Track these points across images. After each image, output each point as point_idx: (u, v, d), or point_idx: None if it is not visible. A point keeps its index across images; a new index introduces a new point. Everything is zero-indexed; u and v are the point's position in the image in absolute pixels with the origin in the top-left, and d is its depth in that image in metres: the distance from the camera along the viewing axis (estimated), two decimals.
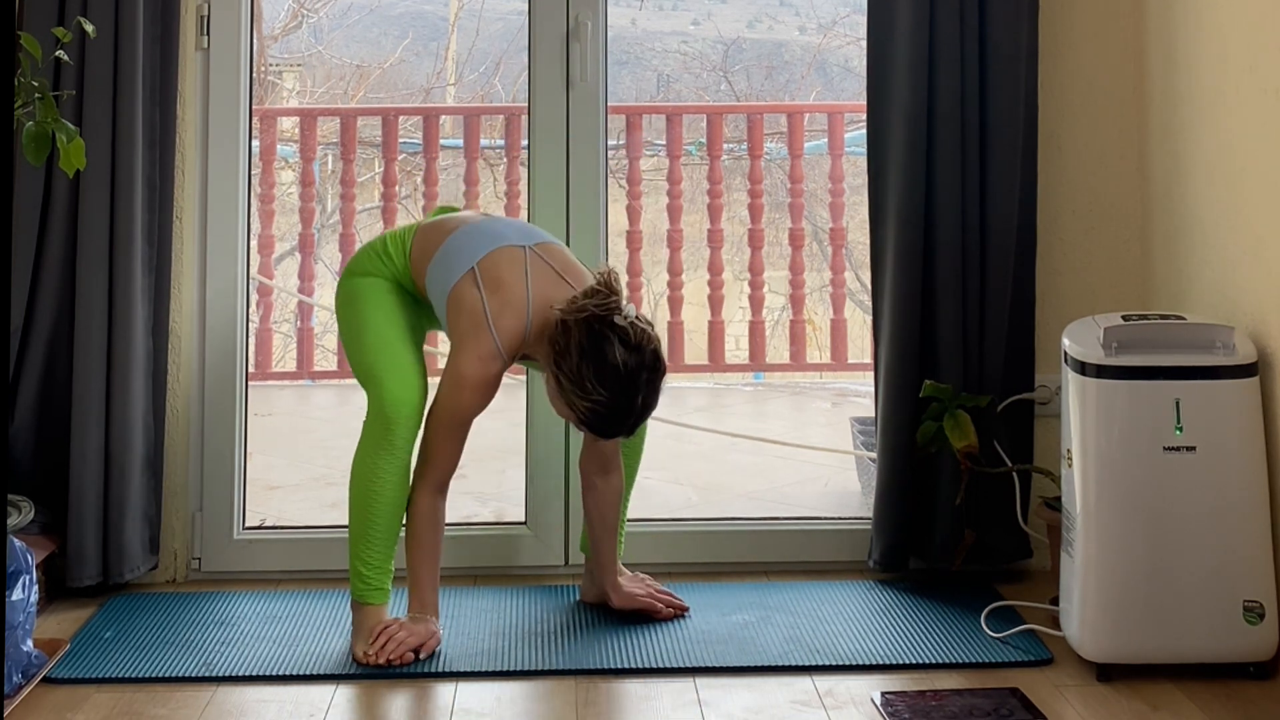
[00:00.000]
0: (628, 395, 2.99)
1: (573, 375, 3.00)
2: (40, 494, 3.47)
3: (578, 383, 2.99)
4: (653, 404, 3.06)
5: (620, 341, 2.99)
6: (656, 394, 3.05)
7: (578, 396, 3.00)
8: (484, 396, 3.14)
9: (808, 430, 6.08)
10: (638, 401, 3.00)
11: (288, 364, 6.49)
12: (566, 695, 2.93)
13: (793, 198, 6.00)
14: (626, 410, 3.00)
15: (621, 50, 8.31)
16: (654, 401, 3.06)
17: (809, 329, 6.26)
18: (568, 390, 3.01)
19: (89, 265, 3.48)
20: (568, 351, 3.00)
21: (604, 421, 3.01)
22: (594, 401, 2.99)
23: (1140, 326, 3.08)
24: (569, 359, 3.00)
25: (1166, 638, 2.96)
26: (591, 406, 2.99)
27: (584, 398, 2.99)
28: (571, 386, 3.00)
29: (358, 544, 3.13)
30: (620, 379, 2.98)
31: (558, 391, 3.04)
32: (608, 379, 2.97)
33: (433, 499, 3.16)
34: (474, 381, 3.10)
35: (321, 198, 6.91)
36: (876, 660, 3.09)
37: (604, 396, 2.98)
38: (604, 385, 2.98)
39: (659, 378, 3.04)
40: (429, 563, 3.16)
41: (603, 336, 2.99)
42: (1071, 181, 3.77)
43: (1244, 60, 3.21)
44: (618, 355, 2.98)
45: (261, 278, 5.85)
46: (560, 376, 3.02)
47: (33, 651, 2.92)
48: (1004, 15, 3.60)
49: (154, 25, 3.56)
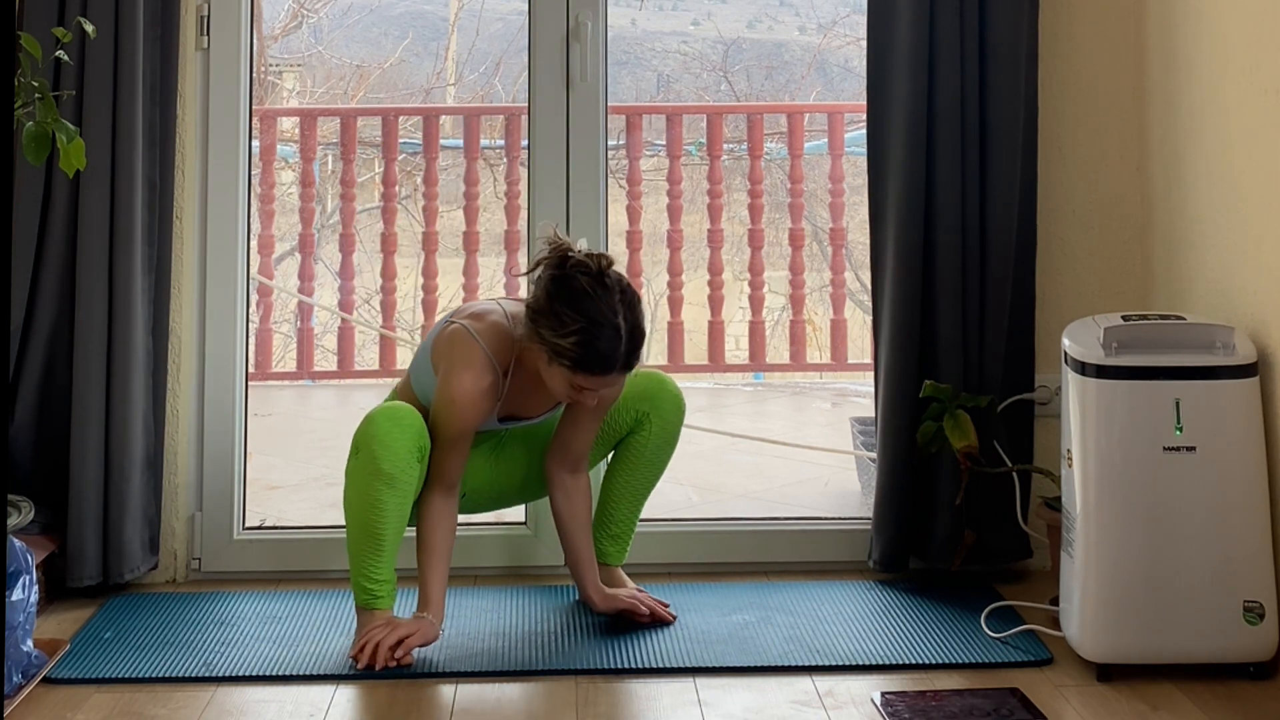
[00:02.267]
0: (606, 314, 3.00)
1: (551, 321, 3.01)
2: (40, 494, 3.47)
3: (556, 325, 3.00)
4: (639, 328, 3.05)
5: (581, 272, 3.03)
6: (638, 316, 3.06)
7: (561, 338, 3.00)
8: (479, 414, 3.15)
9: (808, 430, 6.08)
10: (619, 321, 3.01)
11: (288, 364, 6.49)
12: (566, 695, 2.93)
13: (793, 198, 6.00)
14: (612, 332, 3.00)
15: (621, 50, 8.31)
16: (639, 324, 3.06)
17: (809, 329, 6.26)
18: (550, 340, 3.01)
19: (89, 265, 3.48)
20: (539, 303, 3.04)
21: (595, 351, 3.00)
22: (575, 332, 2.99)
23: (1140, 326, 3.08)
24: (542, 308, 3.03)
25: (1166, 638, 2.95)
26: (576, 339, 2.99)
27: (566, 334, 3.00)
28: (552, 334, 3.01)
29: (361, 560, 3.12)
30: (592, 300, 3.00)
31: (549, 357, 3.04)
32: (580, 304, 3.00)
33: (444, 499, 3.18)
34: (466, 399, 3.12)
35: (321, 198, 6.91)
36: (876, 660, 3.09)
37: (583, 322, 2.99)
38: (579, 311, 2.99)
39: (632, 298, 3.07)
40: (437, 561, 3.16)
41: (565, 275, 3.03)
42: (1071, 181, 3.77)
43: (1244, 60, 3.21)
44: (581, 282, 3.02)
45: (261, 278, 5.84)
46: (541, 331, 3.03)
47: (33, 651, 2.92)
48: (1004, 15, 3.60)
49: (154, 25, 3.56)
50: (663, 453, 3.43)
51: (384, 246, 5.92)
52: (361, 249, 6.31)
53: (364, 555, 3.10)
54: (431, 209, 5.91)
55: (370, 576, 3.11)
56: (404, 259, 6.21)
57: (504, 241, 6.06)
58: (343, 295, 6.03)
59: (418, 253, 6.08)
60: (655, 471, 3.44)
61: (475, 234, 5.95)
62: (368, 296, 6.52)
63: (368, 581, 3.11)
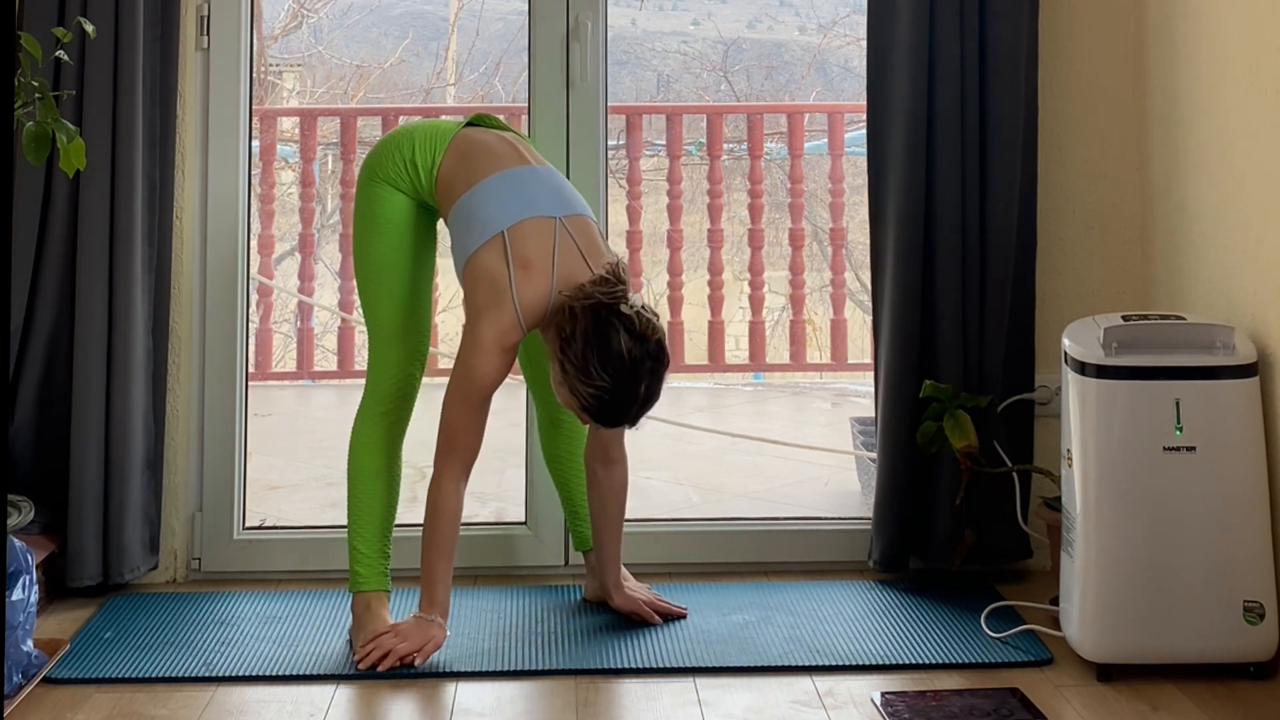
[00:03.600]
0: (631, 383, 2.97)
1: (577, 361, 2.98)
2: (40, 494, 3.47)
3: (582, 369, 2.98)
4: (656, 394, 3.04)
5: (625, 330, 2.98)
6: (660, 384, 3.04)
7: (581, 383, 2.98)
8: (503, 365, 3.09)
9: (808, 430, 6.08)
10: (640, 390, 2.99)
11: (288, 364, 6.49)
12: (566, 695, 2.93)
13: (793, 198, 6.00)
14: (630, 398, 2.99)
15: (621, 50, 8.31)
16: (657, 392, 3.04)
17: (809, 329, 6.26)
18: (571, 376, 3.00)
19: (89, 265, 3.48)
20: (573, 338, 2.99)
21: (606, 409, 3.00)
22: (597, 388, 2.97)
23: (1140, 326, 3.08)
24: (574, 345, 2.99)
25: (1166, 638, 2.95)
26: (595, 393, 2.98)
27: (588, 384, 2.98)
28: (576, 373, 2.99)
29: (350, 531, 3.19)
30: (624, 367, 2.96)
31: (562, 378, 3.02)
32: (611, 366, 2.96)
33: (455, 486, 3.10)
34: (494, 348, 3.05)
35: (321, 198, 6.91)
36: (876, 660, 3.09)
37: (607, 383, 2.97)
38: (607, 372, 2.96)
39: (662, 368, 3.03)
40: (444, 558, 3.11)
41: (608, 324, 2.98)
42: (1071, 181, 3.77)
43: (1244, 60, 3.21)
44: (622, 343, 2.96)
45: (261, 278, 5.84)
46: (565, 362, 3.00)
47: (33, 651, 2.92)
48: (1004, 15, 3.60)
49: (154, 25, 3.56)
50: None
51: None
52: None
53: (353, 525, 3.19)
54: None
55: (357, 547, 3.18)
56: None
57: None
58: (343, 295, 6.03)
59: None
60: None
61: None
62: None
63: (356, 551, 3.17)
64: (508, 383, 3.22)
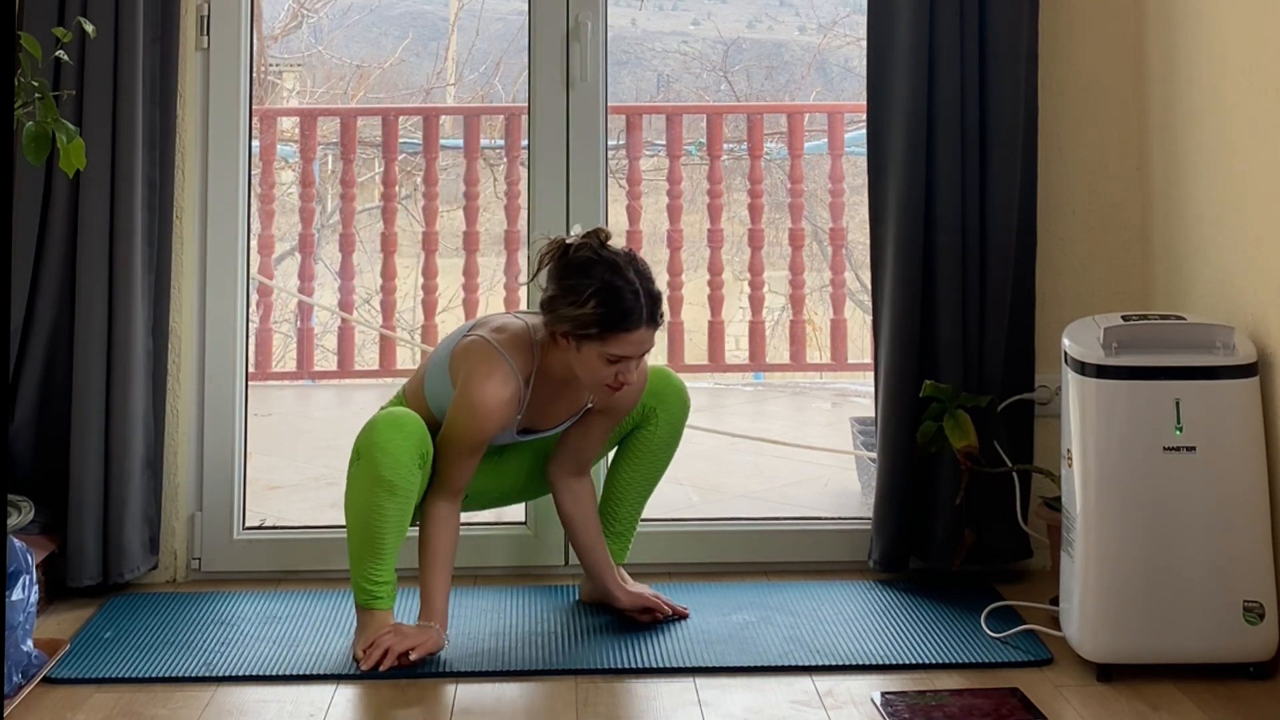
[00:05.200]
0: (617, 274, 3.04)
1: (567, 298, 3.04)
2: (40, 494, 3.47)
3: (573, 298, 3.03)
4: (651, 279, 3.09)
5: (581, 248, 3.08)
6: (646, 271, 3.10)
7: (581, 308, 3.02)
8: (499, 420, 3.13)
9: (808, 430, 6.08)
10: (631, 277, 3.04)
11: (288, 364, 6.48)
12: (566, 695, 2.93)
13: (793, 198, 5.99)
14: (627, 285, 3.03)
15: (621, 50, 8.31)
16: (650, 276, 3.09)
17: (809, 329, 6.26)
18: (572, 315, 3.03)
19: (89, 265, 3.48)
20: (552, 292, 3.07)
21: (619, 307, 3.02)
22: (594, 294, 3.02)
23: (1140, 326, 3.08)
24: (555, 294, 3.06)
25: (1166, 638, 2.95)
26: (596, 301, 3.02)
27: (585, 302, 3.02)
28: (573, 309, 3.03)
29: (361, 563, 3.11)
30: (601, 264, 3.04)
31: (576, 343, 3.05)
32: (591, 270, 3.04)
33: (448, 505, 3.18)
34: (488, 408, 3.10)
35: (321, 198, 6.91)
36: (876, 660, 3.09)
37: (598, 284, 3.02)
38: (592, 277, 3.03)
39: (637, 258, 3.11)
40: (441, 570, 3.15)
41: (566, 253, 3.09)
42: (1071, 181, 3.77)
43: (1244, 60, 3.21)
44: (585, 254, 3.07)
45: (261, 278, 5.84)
46: (562, 316, 3.05)
47: (33, 651, 2.92)
48: (1004, 15, 3.60)
49: (154, 25, 3.56)
50: (668, 449, 3.43)
51: (384, 246, 5.92)
52: (361, 249, 6.31)
53: (364, 559, 3.10)
54: (431, 209, 5.91)
55: (370, 579, 3.10)
56: (404, 259, 6.21)
57: (504, 241, 6.06)
58: (343, 295, 6.02)
59: (418, 253, 6.07)
60: (660, 467, 3.44)
61: (475, 234, 5.96)
62: (368, 296, 6.52)
63: (367, 583, 3.10)
64: None
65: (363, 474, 3.08)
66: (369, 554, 3.09)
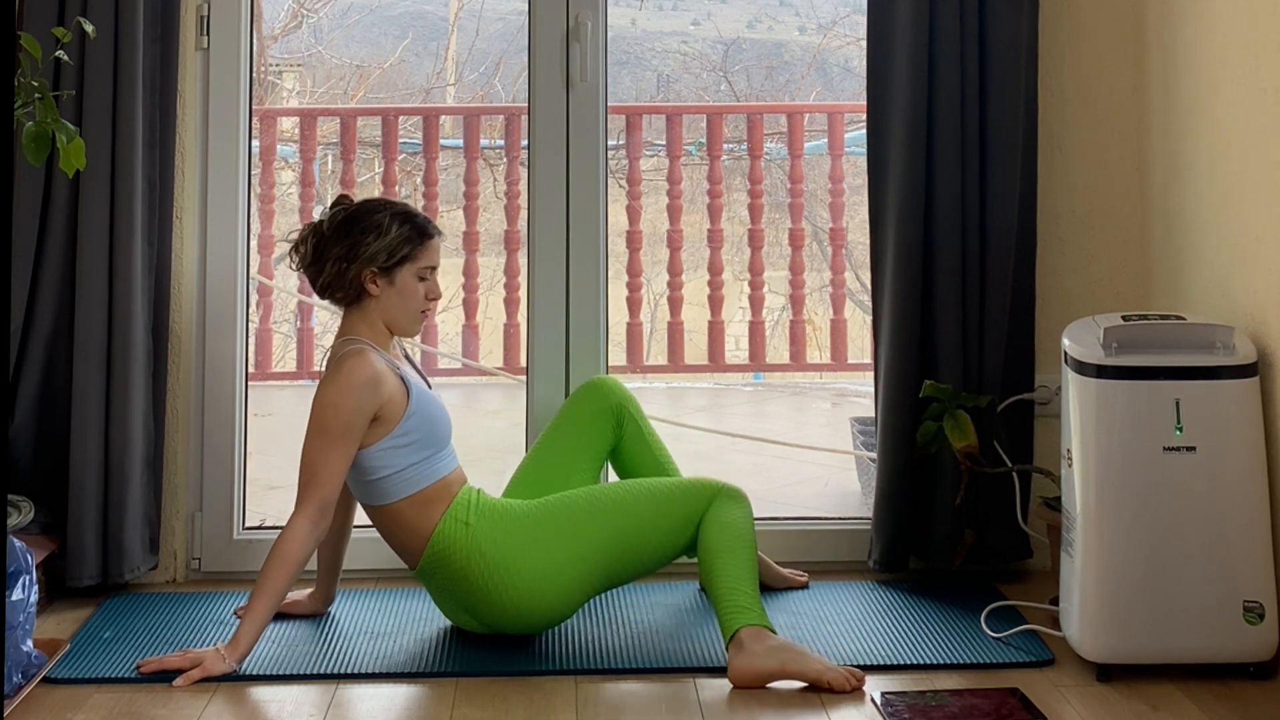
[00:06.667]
0: (390, 203, 3.25)
1: (368, 236, 3.17)
2: (40, 494, 3.47)
3: (376, 232, 3.17)
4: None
5: (342, 209, 3.23)
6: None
7: (385, 235, 3.16)
8: (371, 394, 3.09)
9: (808, 430, 6.08)
10: (396, 202, 3.27)
11: (288, 364, 6.48)
12: (566, 695, 2.93)
13: (793, 198, 6.00)
14: (405, 206, 3.26)
15: (621, 50, 8.31)
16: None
17: (809, 329, 6.26)
18: (381, 246, 3.16)
19: (89, 265, 3.48)
20: (351, 244, 3.17)
21: (413, 219, 3.22)
22: (392, 220, 3.19)
23: (1140, 326, 3.08)
24: (356, 241, 3.16)
25: (1166, 638, 2.95)
26: (398, 224, 3.18)
27: (388, 230, 3.18)
28: (378, 239, 3.16)
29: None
30: (372, 203, 3.24)
31: (391, 273, 3.17)
32: (373, 209, 3.20)
33: (311, 525, 3.04)
34: (360, 378, 3.08)
35: (321, 198, 6.90)
36: (876, 660, 3.09)
37: (381, 209, 3.21)
38: (370, 210, 3.20)
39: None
40: (269, 602, 3.02)
41: (342, 216, 3.21)
42: (1071, 181, 3.77)
43: (1244, 60, 3.21)
44: (351, 205, 3.24)
45: (261, 278, 5.85)
46: (373, 256, 3.16)
47: (33, 651, 2.92)
48: (1004, 15, 3.60)
49: (154, 25, 3.56)
50: (655, 437, 3.50)
51: None
52: None
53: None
54: (431, 209, 5.91)
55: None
56: None
57: (504, 241, 6.06)
58: None
59: None
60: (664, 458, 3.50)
61: (475, 234, 5.96)
62: None
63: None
64: (507, 382, 3.23)
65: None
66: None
